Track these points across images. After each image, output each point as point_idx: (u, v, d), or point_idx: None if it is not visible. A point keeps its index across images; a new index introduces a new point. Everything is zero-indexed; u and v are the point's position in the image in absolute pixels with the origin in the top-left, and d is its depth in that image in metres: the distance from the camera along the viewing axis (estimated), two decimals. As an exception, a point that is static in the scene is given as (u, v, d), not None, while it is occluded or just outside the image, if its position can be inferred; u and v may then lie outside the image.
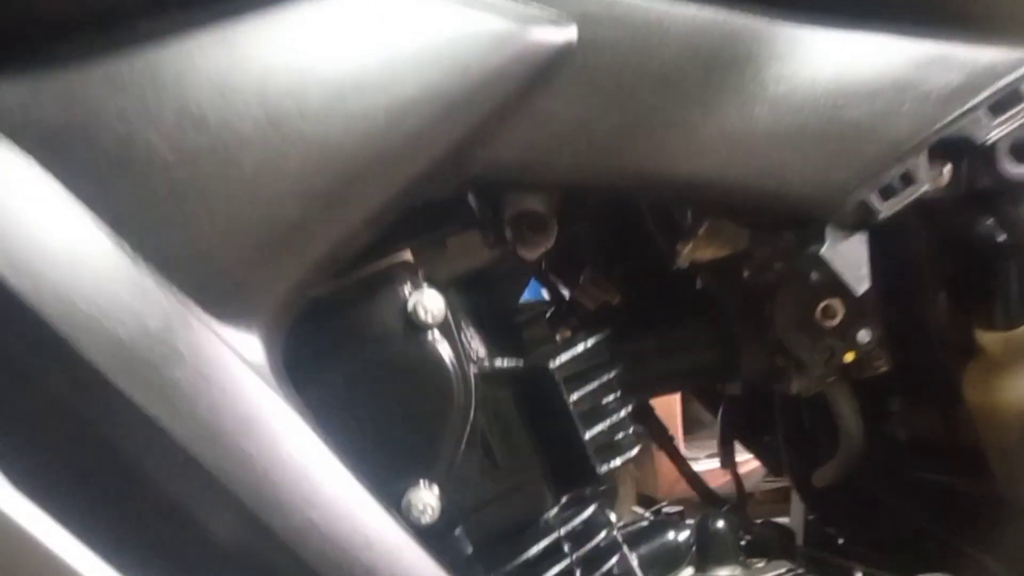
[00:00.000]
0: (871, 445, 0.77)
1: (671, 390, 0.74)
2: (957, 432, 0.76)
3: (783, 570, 0.64)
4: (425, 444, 0.52)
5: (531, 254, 0.61)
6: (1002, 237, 0.61)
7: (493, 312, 0.59)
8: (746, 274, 0.66)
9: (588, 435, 0.56)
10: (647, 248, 0.71)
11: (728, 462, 0.84)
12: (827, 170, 0.52)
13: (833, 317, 0.62)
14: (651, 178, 0.51)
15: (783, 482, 1.01)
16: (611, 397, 0.59)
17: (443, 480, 0.52)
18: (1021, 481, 0.68)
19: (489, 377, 0.55)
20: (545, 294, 0.77)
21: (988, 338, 0.63)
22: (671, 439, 0.85)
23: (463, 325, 0.55)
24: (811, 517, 0.91)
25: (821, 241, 0.53)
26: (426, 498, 0.51)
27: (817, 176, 0.52)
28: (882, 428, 0.83)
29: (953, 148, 0.54)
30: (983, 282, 0.63)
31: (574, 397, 0.56)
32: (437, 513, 0.51)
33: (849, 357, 0.63)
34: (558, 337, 0.61)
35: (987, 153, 0.55)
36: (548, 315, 0.67)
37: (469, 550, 0.55)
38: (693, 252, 0.63)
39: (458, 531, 0.55)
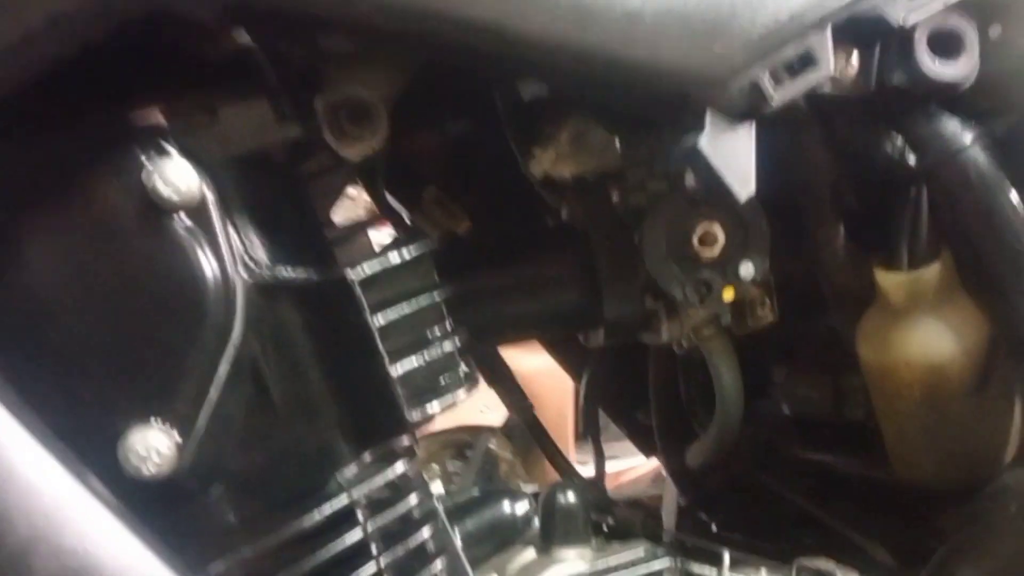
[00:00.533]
0: (751, 422, 0.68)
1: (524, 336, 0.62)
2: (846, 405, 0.67)
3: (640, 553, 0.52)
4: (159, 370, 0.38)
5: (352, 153, 0.48)
6: (912, 160, 0.51)
7: (296, 222, 0.46)
8: (615, 198, 0.55)
9: (398, 370, 0.43)
10: (505, 170, 0.59)
11: (591, 431, 0.73)
12: (711, 39, 0.40)
13: (712, 245, 0.51)
14: (480, 32, 0.39)
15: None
16: (436, 329, 0.46)
17: (185, 421, 0.38)
18: (915, 455, 0.59)
19: (270, 290, 0.41)
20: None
21: (890, 280, 0.54)
22: (530, 407, 0.74)
23: (239, 222, 0.41)
24: (683, 503, 0.81)
25: (700, 130, 0.42)
26: (152, 441, 0.37)
27: (698, 47, 0.41)
28: (764, 403, 0.74)
29: (863, 31, 0.44)
30: (887, 215, 0.54)
31: (381, 320, 0.42)
32: (169, 463, 0.37)
33: (728, 295, 0.52)
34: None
35: (902, 41, 0.45)
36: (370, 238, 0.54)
37: (231, 516, 0.41)
38: (554, 163, 0.51)
39: (215, 491, 0.41)
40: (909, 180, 0.51)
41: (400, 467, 0.45)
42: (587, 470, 0.79)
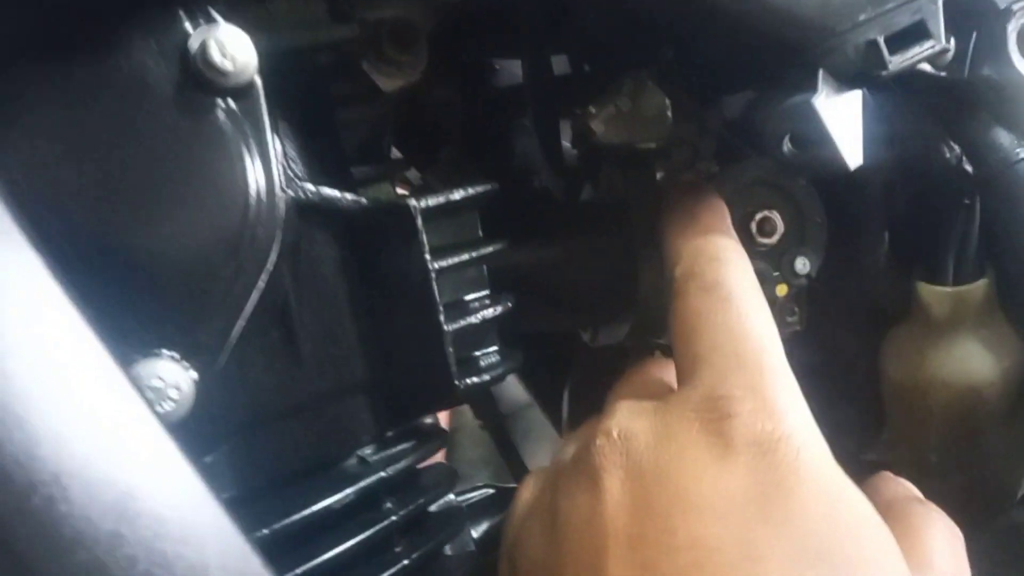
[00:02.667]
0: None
1: (536, 323, 0.56)
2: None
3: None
4: (182, 288, 0.30)
5: (388, 83, 0.42)
6: (969, 168, 0.50)
7: (335, 143, 0.39)
8: (660, 176, 0.51)
9: (450, 328, 0.36)
10: (531, 137, 0.54)
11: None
12: (835, -12, 0.37)
13: (771, 235, 0.48)
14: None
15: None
16: (477, 293, 0.40)
17: (205, 355, 0.30)
18: (933, 485, 0.57)
19: (311, 212, 0.34)
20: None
21: (933, 294, 0.52)
22: (496, 407, 0.68)
23: (280, 126, 0.34)
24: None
25: (811, 90, 0.38)
26: (168, 373, 0.29)
27: (822, -6, 0.37)
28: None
29: (964, 15, 0.43)
30: (935, 225, 0.52)
31: (437, 265, 0.36)
32: (186, 402, 0.29)
33: (782, 291, 0.49)
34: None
35: (1000, 31, 0.43)
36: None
37: (238, 484, 0.33)
38: (608, 125, 0.46)
39: (221, 453, 0.33)
40: (963, 190, 0.50)
41: (431, 448, 0.39)
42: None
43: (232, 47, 0.30)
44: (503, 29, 0.47)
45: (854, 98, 0.39)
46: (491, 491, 0.45)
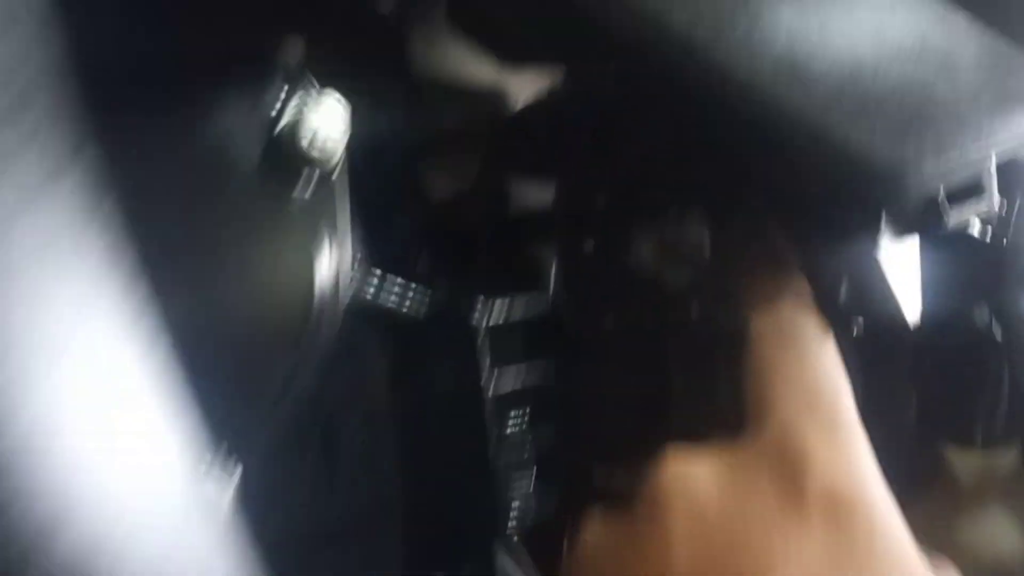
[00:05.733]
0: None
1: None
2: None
3: None
4: (244, 381, 0.27)
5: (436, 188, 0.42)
6: (999, 330, 0.51)
7: (390, 238, 0.37)
8: (694, 314, 0.50)
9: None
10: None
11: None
12: (906, 135, 0.38)
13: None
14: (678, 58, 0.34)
15: None
16: (520, 411, 0.37)
17: (248, 458, 0.27)
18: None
19: (367, 317, 0.32)
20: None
21: (961, 458, 0.51)
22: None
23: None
24: None
25: (875, 236, 0.38)
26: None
27: (895, 138, 0.38)
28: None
29: (1012, 178, 0.44)
30: (964, 389, 0.52)
31: (492, 386, 0.33)
32: (223, 504, 0.26)
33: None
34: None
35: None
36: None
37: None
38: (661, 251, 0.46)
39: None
40: (994, 352, 0.50)
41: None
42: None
43: (322, 119, 0.29)
44: (550, 150, 0.47)
45: (912, 248, 0.40)
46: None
